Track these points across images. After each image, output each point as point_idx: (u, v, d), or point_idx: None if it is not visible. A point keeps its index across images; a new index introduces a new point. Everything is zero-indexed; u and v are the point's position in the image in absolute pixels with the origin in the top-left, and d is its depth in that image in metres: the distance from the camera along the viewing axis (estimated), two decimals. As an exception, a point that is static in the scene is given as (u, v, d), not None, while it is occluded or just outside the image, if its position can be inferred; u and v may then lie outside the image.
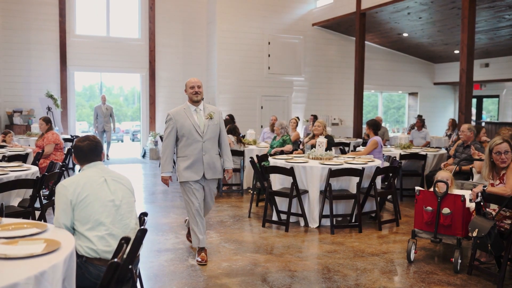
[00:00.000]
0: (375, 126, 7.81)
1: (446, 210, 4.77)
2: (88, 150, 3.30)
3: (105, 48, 14.13)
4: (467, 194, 4.84)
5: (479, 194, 4.50)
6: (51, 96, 12.46)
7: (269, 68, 15.00)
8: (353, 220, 6.43)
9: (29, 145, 9.60)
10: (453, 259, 4.71)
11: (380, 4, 12.34)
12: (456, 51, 15.65)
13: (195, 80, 4.92)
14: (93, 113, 13.84)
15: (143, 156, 14.87)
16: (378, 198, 6.49)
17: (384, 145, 11.54)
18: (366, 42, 13.56)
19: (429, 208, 4.88)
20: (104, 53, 14.09)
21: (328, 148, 7.23)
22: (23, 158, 7.18)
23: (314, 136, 8.05)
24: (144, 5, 14.51)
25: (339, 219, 6.62)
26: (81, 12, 14.07)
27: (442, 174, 5.09)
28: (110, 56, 14.17)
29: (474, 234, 4.33)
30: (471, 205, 4.78)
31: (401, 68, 17.62)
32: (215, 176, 4.93)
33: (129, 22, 14.78)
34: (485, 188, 4.58)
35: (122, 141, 22.20)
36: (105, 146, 13.65)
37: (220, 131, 5.01)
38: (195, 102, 4.90)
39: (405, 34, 15.07)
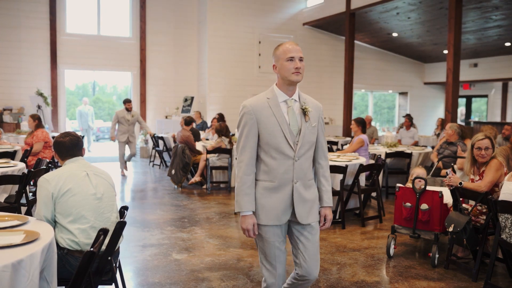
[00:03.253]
0: (363, 124, 7.93)
1: (424, 206, 4.88)
2: (70, 145, 3.37)
3: (95, 46, 14.16)
4: (445, 190, 4.95)
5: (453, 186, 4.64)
6: (41, 94, 12.49)
7: (259, 67, 15.10)
8: (337, 217, 6.53)
9: (18, 143, 9.64)
10: (431, 254, 4.83)
11: (369, 4, 12.46)
12: (445, 51, 15.81)
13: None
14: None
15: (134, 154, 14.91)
16: (362, 195, 6.59)
17: (373, 143, 11.67)
18: (356, 41, 13.71)
19: (408, 204, 5.00)
20: (94, 52, 14.13)
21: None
22: (11, 155, 7.22)
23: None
24: (135, 4, 14.55)
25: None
26: (71, 11, 14.09)
27: (418, 171, 5.21)
28: (100, 54, 14.21)
29: (450, 229, 4.44)
30: (449, 201, 4.90)
31: (392, 68, 17.77)
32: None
33: (120, 21, 14.82)
34: (462, 184, 4.69)
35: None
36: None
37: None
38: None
39: (394, 34, 15.21)
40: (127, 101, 10.69)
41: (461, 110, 19.96)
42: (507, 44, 14.45)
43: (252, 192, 2.78)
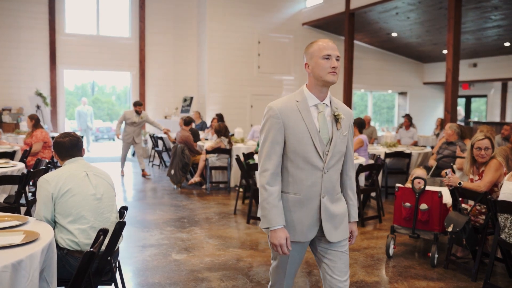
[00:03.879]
0: (361, 124, 7.96)
1: (423, 206, 4.89)
2: (70, 146, 3.37)
3: (95, 46, 14.16)
4: (444, 190, 4.96)
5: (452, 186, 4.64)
6: (40, 95, 12.49)
7: (259, 67, 15.10)
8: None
9: (17, 143, 9.64)
10: (430, 254, 4.83)
11: (369, 4, 12.47)
12: (445, 51, 15.81)
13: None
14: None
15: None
16: (362, 195, 6.60)
17: (372, 143, 11.67)
18: (356, 41, 13.72)
19: (408, 204, 5.00)
20: (94, 52, 14.13)
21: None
22: (10, 155, 7.22)
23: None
24: (134, 4, 14.56)
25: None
26: (70, 11, 14.09)
27: (418, 172, 5.22)
28: (99, 54, 14.21)
29: (450, 229, 4.45)
30: (448, 201, 4.90)
31: (391, 68, 17.78)
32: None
33: (119, 21, 14.82)
34: (461, 183, 4.69)
35: (113, 139, 22.19)
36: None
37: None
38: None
39: (394, 34, 15.22)
40: (137, 104, 10.38)
41: (459, 110, 19.96)
42: (507, 44, 14.46)
43: (280, 204, 2.49)
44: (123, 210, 3.50)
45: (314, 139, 2.49)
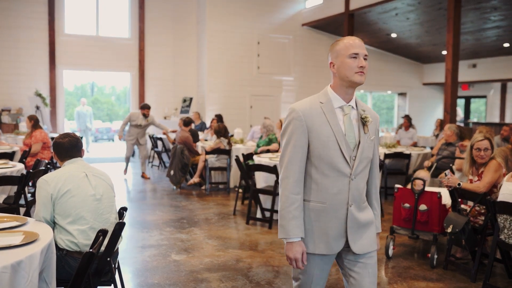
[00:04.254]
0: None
1: (423, 207, 4.89)
2: (69, 146, 3.37)
3: (94, 47, 14.15)
4: (443, 191, 4.96)
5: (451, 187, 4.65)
6: (39, 95, 12.49)
7: (258, 67, 15.10)
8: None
9: (16, 144, 9.64)
10: (430, 255, 4.83)
11: (368, 4, 12.48)
12: (444, 52, 15.82)
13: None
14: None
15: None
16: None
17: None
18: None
19: (407, 205, 5.00)
20: (93, 52, 14.12)
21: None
22: (9, 156, 7.22)
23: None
24: (134, 5, 14.55)
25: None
26: (70, 11, 14.09)
27: (422, 174, 5.22)
28: (99, 55, 14.20)
29: (449, 230, 4.45)
30: (448, 202, 4.91)
31: (390, 68, 17.78)
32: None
33: (119, 22, 14.82)
34: (460, 184, 4.70)
35: (113, 140, 22.16)
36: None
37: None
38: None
39: (393, 35, 15.22)
40: (145, 107, 10.14)
41: (457, 111, 19.96)
42: (506, 44, 14.47)
43: (301, 215, 2.33)
44: (122, 211, 3.50)
45: (340, 143, 2.32)
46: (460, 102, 19.86)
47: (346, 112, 2.38)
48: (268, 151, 8.47)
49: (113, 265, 3.26)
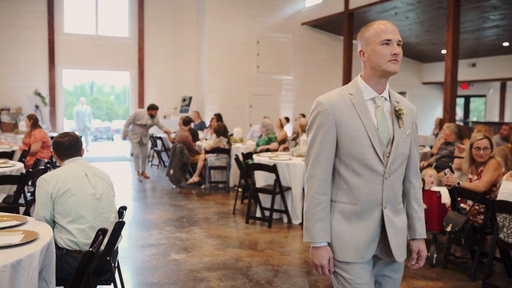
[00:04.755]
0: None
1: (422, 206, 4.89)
2: (69, 146, 3.37)
3: (94, 46, 14.15)
4: (443, 190, 4.96)
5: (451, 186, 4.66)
6: (39, 94, 12.48)
7: (258, 67, 15.10)
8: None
9: (16, 143, 9.63)
10: (429, 254, 4.83)
11: (368, 4, 12.48)
12: (444, 51, 15.82)
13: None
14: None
15: (132, 154, 14.91)
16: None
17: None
18: (355, 41, 13.69)
19: (407, 203, 5.00)
20: (93, 52, 14.11)
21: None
22: (9, 155, 7.22)
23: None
24: (133, 4, 14.55)
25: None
26: (69, 10, 14.08)
27: (430, 172, 5.22)
28: (98, 54, 14.20)
29: (448, 229, 4.45)
30: (447, 201, 4.91)
31: (390, 68, 17.75)
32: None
33: (118, 21, 14.81)
34: (460, 183, 4.70)
35: (112, 139, 22.15)
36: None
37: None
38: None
39: (393, 34, 15.20)
40: (153, 108, 10.03)
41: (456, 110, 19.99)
42: (505, 44, 14.47)
43: (328, 217, 2.13)
44: (122, 210, 3.50)
45: (372, 138, 2.10)
46: (460, 101, 19.86)
47: (379, 104, 2.16)
48: (267, 150, 8.47)
49: (112, 264, 3.26)
